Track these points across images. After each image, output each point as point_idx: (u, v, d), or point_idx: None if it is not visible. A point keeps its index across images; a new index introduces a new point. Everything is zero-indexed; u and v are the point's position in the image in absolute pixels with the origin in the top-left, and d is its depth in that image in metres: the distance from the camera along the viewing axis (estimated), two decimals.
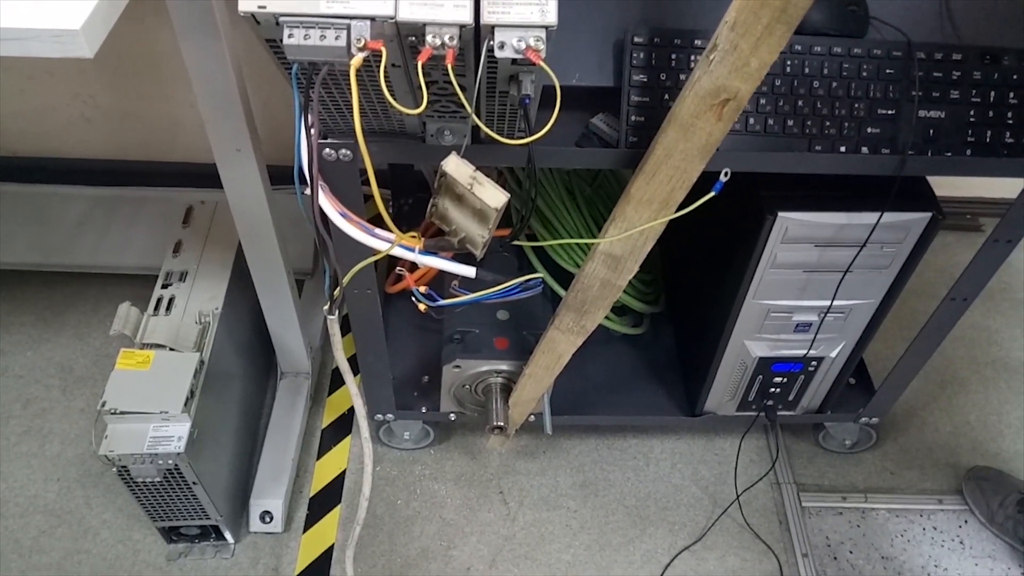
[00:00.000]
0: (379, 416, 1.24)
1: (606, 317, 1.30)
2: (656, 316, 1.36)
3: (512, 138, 0.75)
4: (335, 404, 1.39)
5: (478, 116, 0.62)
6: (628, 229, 0.81)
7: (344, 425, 1.36)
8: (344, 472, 1.30)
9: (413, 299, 0.79)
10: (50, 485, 1.26)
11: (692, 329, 1.28)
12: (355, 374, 1.17)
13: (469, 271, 0.73)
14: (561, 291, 1.19)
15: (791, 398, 1.21)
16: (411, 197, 1.52)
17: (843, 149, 0.83)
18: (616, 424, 1.36)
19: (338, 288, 0.71)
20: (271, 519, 1.21)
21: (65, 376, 1.39)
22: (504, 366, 1.11)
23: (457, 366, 1.11)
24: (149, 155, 1.56)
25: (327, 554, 1.21)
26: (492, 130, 0.62)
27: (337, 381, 1.42)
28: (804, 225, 0.93)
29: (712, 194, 0.74)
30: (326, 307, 0.72)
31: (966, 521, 1.27)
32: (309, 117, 0.60)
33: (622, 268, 0.86)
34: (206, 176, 1.08)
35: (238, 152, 0.97)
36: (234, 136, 0.95)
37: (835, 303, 1.02)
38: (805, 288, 1.01)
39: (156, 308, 1.13)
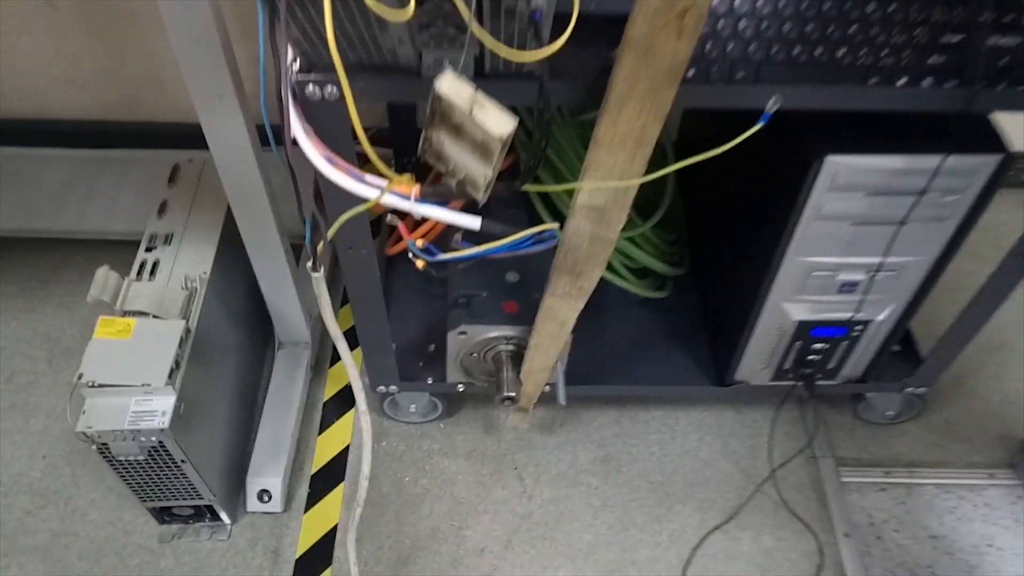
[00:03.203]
0: (382, 388, 1.15)
1: (625, 280, 1.21)
2: (680, 278, 1.26)
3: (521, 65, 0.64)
4: (337, 375, 1.30)
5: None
6: (605, 176, 0.70)
7: (347, 398, 1.28)
8: (347, 448, 1.22)
9: (410, 255, 0.70)
10: (35, 463, 1.18)
11: (722, 292, 1.18)
12: (356, 343, 1.09)
13: (474, 222, 0.63)
14: None
15: (831, 366, 1.11)
16: (414, 155, 1.42)
17: (902, 82, 0.72)
18: (638, 395, 1.26)
19: (322, 242, 0.62)
20: (270, 498, 1.14)
21: (51, 348, 1.31)
22: (514, 332, 1.01)
23: (463, 332, 1.02)
24: (136, 115, 1.47)
25: (331, 535, 1.13)
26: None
27: None
28: (855, 170, 0.82)
29: (761, 124, 0.63)
30: (309, 263, 0.62)
31: (1020, 497, 1.17)
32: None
33: (608, 219, 0.76)
34: (198, 137, 1.00)
35: (220, 99, 0.88)
36: (214, 80, 0.86)
37: (887, 260, 0.91)
38: (853, 243, 0.91)
39: (139, 273, 1.04)
